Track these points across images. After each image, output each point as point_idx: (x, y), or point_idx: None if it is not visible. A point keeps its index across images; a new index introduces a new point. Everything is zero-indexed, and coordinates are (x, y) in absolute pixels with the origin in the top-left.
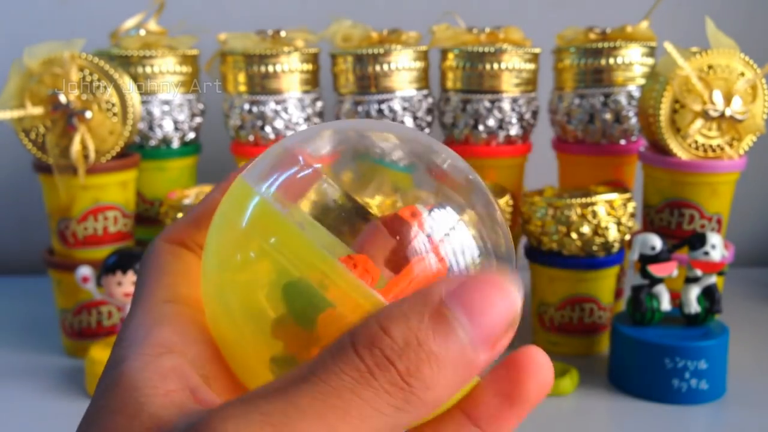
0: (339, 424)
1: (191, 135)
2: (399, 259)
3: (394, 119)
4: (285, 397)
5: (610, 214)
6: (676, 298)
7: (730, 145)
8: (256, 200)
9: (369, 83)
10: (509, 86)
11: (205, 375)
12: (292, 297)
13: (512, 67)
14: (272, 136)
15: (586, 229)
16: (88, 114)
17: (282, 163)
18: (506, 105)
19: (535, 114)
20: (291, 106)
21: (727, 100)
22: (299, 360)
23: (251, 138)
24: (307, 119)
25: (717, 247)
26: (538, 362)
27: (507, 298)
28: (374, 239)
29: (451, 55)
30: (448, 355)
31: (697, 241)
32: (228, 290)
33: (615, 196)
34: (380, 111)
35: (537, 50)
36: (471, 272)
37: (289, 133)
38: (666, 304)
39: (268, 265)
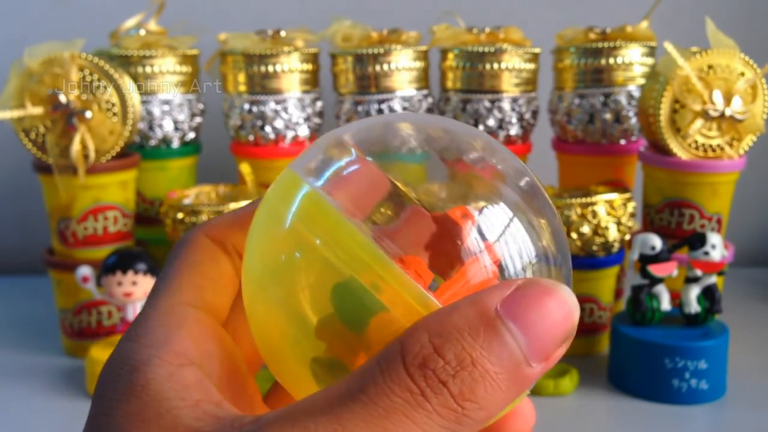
0: None
1: (191, 135)
2: (451, 261)
3: None
4: (333, 417)
5: (610, 214)
6: (676, 298)
7: (730, 145)
8: (305, 191)
9: (369, 83)
10: (509, 86)
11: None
12: (342, 297)
13: (512, 67)
14: (272, 136)
15: (586, 229)
16: (88, 114)
17: (331, 154)
18: (506, 105)
19: (535, 114)
20: (291, 106)
21: (727, 100)
22: (344, 363)
23: (251, 138)
24: (307, 119)
25: (717, 247)
26: (521, 412)
27: (563, 308)
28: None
29: (451, 55)
30: (502, 372)
31: (697, 241)
32: (271, 286)
33: (615, 196)
34: (380, 111)
35: (537, 50)
36: (525, 278)
37: (289, 132)
38: (666, 304)
39: (317, 262)
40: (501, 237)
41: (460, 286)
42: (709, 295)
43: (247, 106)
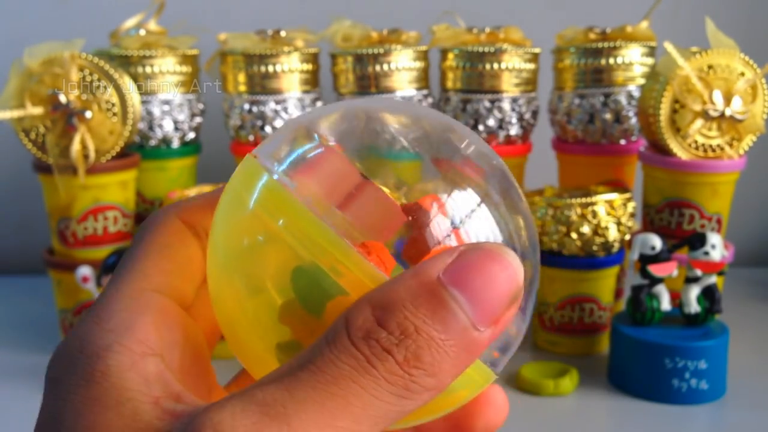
0: (339, 412)
1: (191, 135)
2: (418, 248)
3: None
4: (282, 387)
5: (610, 214)
6: (676, 298)
7: (730, 145)
8: (265, 178)
9: (369, 83)
10: (509, 86)
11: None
12: (302, 282)
13: (512, 67)
14: None
15: (586, 229)
16: (88, 114)
17: (295, 140)
18: (506, 105)
19: (535, 114)
20: (291, 106)
21: (727, 100)
22: (305, 346)
23: (251, 138)
24: None
25: (717, 247)
26: (494, 402)
27: (507, 270)
28: None
29: (451, 55)
30: (448, 339)
31: (697, 241)
32: (234, 272)
33: (615, 196)
34: None
35: (537, 50)
36: (468, 243)
37: None
38: (666, 304)
39: (277, 248)
40: (468, 225)
41: None
42: (709, 295)
43: (247, 106)
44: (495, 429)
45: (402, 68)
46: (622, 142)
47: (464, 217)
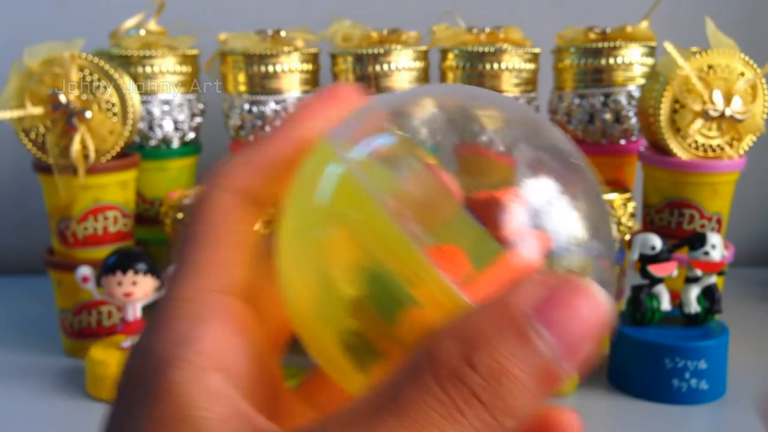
0: None
1: (191, 135)
2: (492, 250)
3: None
4: (366, 429)
5: (610, 214)
6: (676, 298)
7: (730, 145)
8: (341, 171)
9: (369, 83)
10: (509, 86)
11: (243, 392)
12: (376, 285)
13: (512, 67)
14: None
15: None
16: (88, 114)
17: (372, 127)
18: None
19: None
20: (291, 106)
21: (727, 100)
22: (374, 345)
23: (251, 138)
24: None
25: (717, 247)
26: (571, 427)
27: (595, 307)
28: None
29: (451, 55)
30: (533, 378)
31: (697, 241)
32: (308, 263)
33: (615, 196)
34: None
35: (537, 50)
36: (554, 274)
37: None
38: (666, 304)
39: (354, 248)
40: (549, 224)
41: (500, 277)
42: (709, 295)
43: (247, 106)
44: None
45: (402, 68)
46: (622, 142)
47: (541, 214)
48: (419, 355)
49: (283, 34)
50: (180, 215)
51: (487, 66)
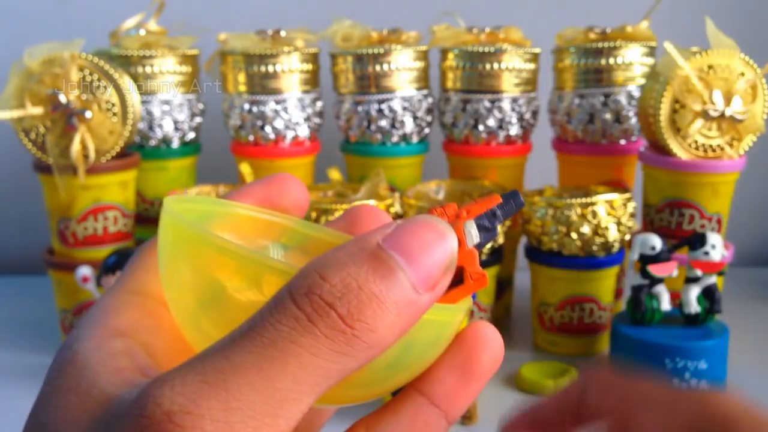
0: (277, 373)
1: (191, 135)
2: None
3: (394, 119)
4: (221, 354)
5: (610, 214)
6: (676, 298)
7: (730, 145)
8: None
9: (369, 83)
10: (509, 86)
11: (156, 363)
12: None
13: (512, 67)
14: (272, 136)
15: (586, 229)
16: (88, 114)
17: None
18: (506, 105)
19: (535, 114)
20: (291, 106)
21: (727, 100)
22: None
23: (251, 138)
24: (307, 119)
25: (717, 247)
26: (488, 337)
27: (442, 239)
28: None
29: (451, 55)
30: (390, 297)
31: (697, 241)
32: (176, 290)
33: (615, 196)
34: (380, 111)
35: (537, 50)
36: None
37: (289, 132)
38: (666, 304)
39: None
40: None
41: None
42: (709, 295)
43: (247, 106)
44: (499, 362)
45: (402, 68)
46: (622, 142)
47: None
48: (280, 289)
49: (283, 34)
50: None
51: (487, 66)
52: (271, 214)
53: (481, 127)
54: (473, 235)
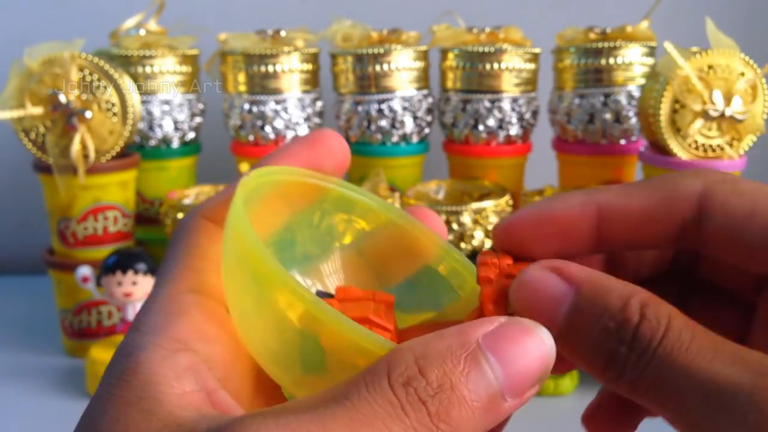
0: None
1: (191, 135)
2: None
3: (394, 119)
4: (316, 417)
5: None
6: None
7: (730, 145)
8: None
9: (369, 83)
10: (509, 86)
11: (219, 377)
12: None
13: (512, 67)
14: (272, 136)
15: None
16: (88, 114)
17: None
18: (506, 105)
19: (535, 114)
20: (291, 106)
21: (727, 100)
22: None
23: (251, 138)
24: (307, 119)
25: None
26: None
27: (541, 348)
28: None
29: (451, 55)
30: (478, 401)
31: None
32: (251, 326)
33: None
34: (380, 111)
35: (537, 50)
36: (508, 316)
37: (289, 132)
38: None
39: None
40: None
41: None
42: None
43: (247, 106)
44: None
45: (402, 68)
46: (622, 142)
47: None
48: (378, 363)
49: (283, 34)
50: (180, 215)
51: (487, 66)
52: (319, 178)
53: (481, 127)
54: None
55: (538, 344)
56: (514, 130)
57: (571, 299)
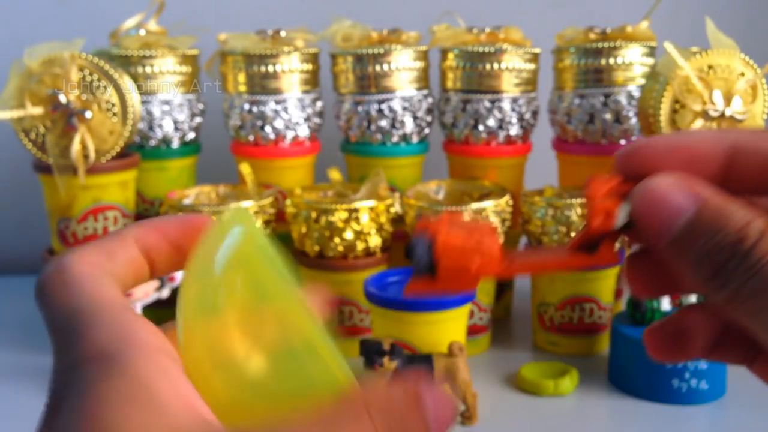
0: None
1: (191, 135)
2: None
3: (394, 119)
4: None
5: None
6: (676, 298)
7: None
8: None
9: (369, 83)
10: (509, 86)
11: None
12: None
13: (512, 67)
14: (272, 136)
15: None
16: (88, 114)
17: None
18: (506, 105)
19: (535, 114)
20: (291, 106)
21: (727, 100)
22: None
23: (251, 138)
24: (307, 119)
25: None
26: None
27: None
28: None
29: (451, 55)
30: None
31: None
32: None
33: None
34: (380, 111)
35: (537, 50)
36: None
37: (289, 132)
38: (666, 304)
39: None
40: None
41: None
42: None
43: (247, 106)
44: None
45: (402, 68)
46: (622, 142)
47: None
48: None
49: (283, 34)
50: (180, 215)
51: (487, 66)
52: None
53: (481, 127)
54: (621, 217)
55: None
56: (514, 130)
57: (692, 213)
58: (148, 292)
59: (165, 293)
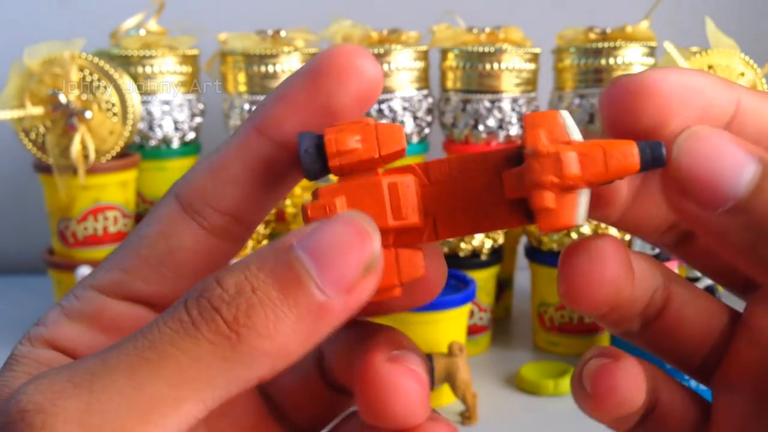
0: (150, 377)
1: (191, 135)
2: None
3: (394, 119)
4: (99, 356)
5: None
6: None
7: None
8: None
9: None
10: (509, 86)
11: None
12: None
13: (512, 67)
14: None
15: (586, 228)
16: (88, 114)
17: None
18: (506, 105)
19: None
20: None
21: None
22: None
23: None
24: None
25: None
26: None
27: (361, 239)
28: None
29: (451, 55)
30: (288, 300)
31: None
32: None
33: None
34: (380, 111)
35: (537, 50)
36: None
37: None
38: None
39: None
40: None
41: None
42: None
43: (247, 106)
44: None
45: (402, 68)
46: None
47: None
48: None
49: (283, 34)
50: None
51: (487, 66)
52: None
53: (481, 127)
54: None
55: (352, 227)
56: (514, 130)
57: (755, 168)
58: None
59: None
